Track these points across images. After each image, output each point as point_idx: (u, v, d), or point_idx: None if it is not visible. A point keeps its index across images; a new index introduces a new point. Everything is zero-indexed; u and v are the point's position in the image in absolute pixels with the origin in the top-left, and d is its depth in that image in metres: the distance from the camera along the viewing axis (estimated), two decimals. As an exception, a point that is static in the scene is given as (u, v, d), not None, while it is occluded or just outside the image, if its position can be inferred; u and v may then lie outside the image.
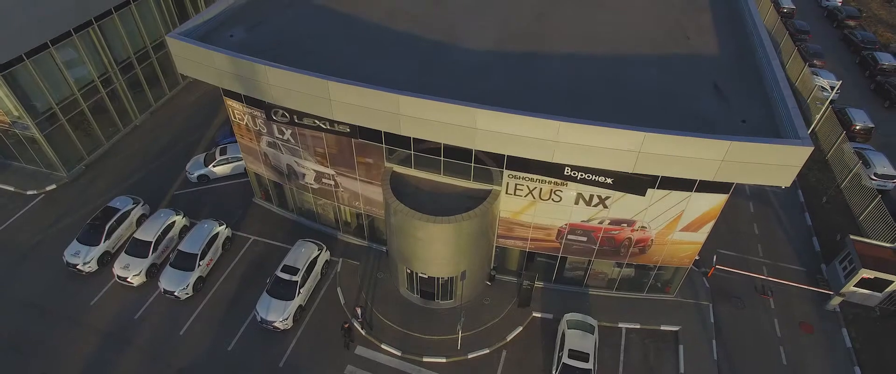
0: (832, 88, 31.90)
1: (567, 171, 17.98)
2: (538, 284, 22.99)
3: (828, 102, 31.06)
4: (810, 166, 30.35)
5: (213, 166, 27.78)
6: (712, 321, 22.24)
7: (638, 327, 22.03)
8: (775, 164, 15.64)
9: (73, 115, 27.55)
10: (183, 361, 20.44)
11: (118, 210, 24.39)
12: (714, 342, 21.50)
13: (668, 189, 18.29)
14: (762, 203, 28.30)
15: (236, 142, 25.05)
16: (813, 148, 15.36)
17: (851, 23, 45.39)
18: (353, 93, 17.27)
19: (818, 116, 31.82)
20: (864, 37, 42.11)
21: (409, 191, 19.77)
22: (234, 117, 22.85)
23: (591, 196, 19.00)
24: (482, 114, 16.26)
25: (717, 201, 18.53)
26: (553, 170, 18.14)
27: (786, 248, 25.83)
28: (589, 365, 19.21)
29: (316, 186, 23.25)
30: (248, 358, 20.58)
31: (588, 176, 17.93)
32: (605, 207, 19.26)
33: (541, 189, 19.20)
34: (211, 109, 33.38)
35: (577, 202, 19.32)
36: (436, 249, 19.78)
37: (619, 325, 22.05)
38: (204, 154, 28.65)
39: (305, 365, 20.41)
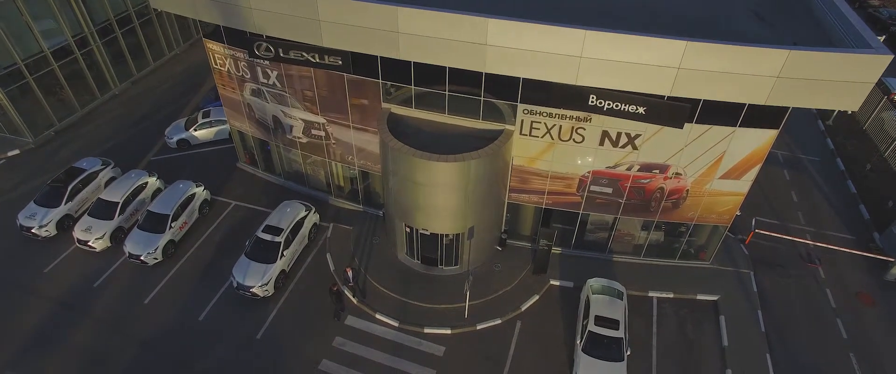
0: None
1: (592, 100, 15.35)
2: (556, 249, 20.25)
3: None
4: (848, 136, 27.89)
5: (195, 131, 25.26)
6: (755, 290, 19.44)
7: (671, 296, 19.21)
8: (842, 79, 13.10)
9: (42, 74, 25.14)
10: (145, 332, 17.61)
11: (84, 171, 21.78)
12: (759, 312, 18.66)
13: (708, 123, 15.78)
14: (797, 171, 25.69)
15: (221, 105, 22.67)
16: (892, 57, 12.86)
17: (875, 2, 43.58)
18: (345, 8, 15.00)
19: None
20: (890, 14, 40.30)
21: (409, 132, 17.21)
22: (215, 63, 20.50)
23: (619, 134, 16.44)
24: (495, 25, 13.89)
25: (765, 138, 15.98)
26: (576, 99, 15.57)
27: (830, 216, 23.09)
28: (620, 333, 16.34)
29: (305, 140, 20.72)
30: (222, 329, 17.74)
31: (616, 105, 15.27)
32: (635, 148, 16.67)
33: (560, 127, 16.65)
34: (197, 80, 31.09)
35: (602, 143, 16.74)
36: (439, 197, 17.11)
37: (650, 294, 19.24)
38: (185, 119, 26.18)
39: (287, 337, 17.56)
